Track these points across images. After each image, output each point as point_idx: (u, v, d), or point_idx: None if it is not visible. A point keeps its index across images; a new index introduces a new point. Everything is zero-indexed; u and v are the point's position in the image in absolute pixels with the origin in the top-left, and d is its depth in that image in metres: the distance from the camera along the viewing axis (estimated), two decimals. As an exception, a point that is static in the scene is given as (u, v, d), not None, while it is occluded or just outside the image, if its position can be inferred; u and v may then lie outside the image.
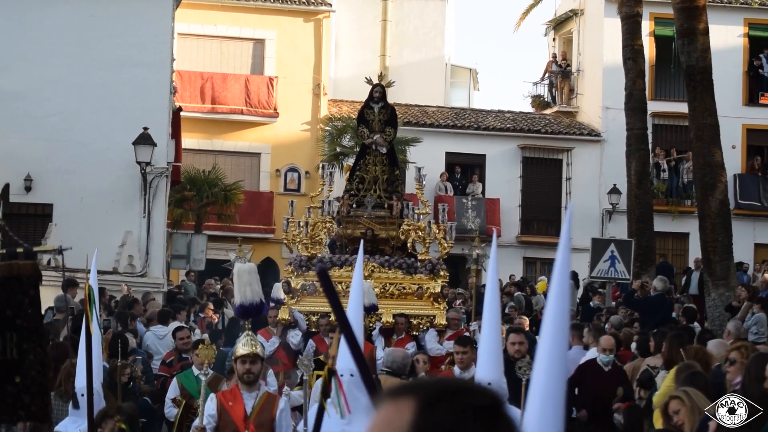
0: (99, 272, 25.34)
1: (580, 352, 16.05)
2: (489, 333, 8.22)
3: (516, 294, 31.03)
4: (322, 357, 12.94)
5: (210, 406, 10.02)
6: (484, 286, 26.54)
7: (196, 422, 10.00)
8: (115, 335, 16.36)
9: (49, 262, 25.22)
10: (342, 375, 8.71)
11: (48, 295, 16.61)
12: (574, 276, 34.66)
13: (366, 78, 22.30)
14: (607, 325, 21.42)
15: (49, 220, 27.56)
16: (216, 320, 22.93)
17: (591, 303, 27.12)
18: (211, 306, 23.78)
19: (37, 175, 27.80)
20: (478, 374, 8.42)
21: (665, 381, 12.25)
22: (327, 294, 3.03)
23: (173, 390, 13.69)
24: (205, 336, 19.23)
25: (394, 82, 23.29)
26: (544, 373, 3.70)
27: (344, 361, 8.68)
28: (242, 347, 10.04)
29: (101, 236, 27.19)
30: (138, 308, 21.27)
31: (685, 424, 8.51)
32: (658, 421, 11.70)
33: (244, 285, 10.21)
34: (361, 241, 11.09)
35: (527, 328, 20.76)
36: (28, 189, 27.83)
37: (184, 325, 17.56)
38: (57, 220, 27.42)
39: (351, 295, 9.30)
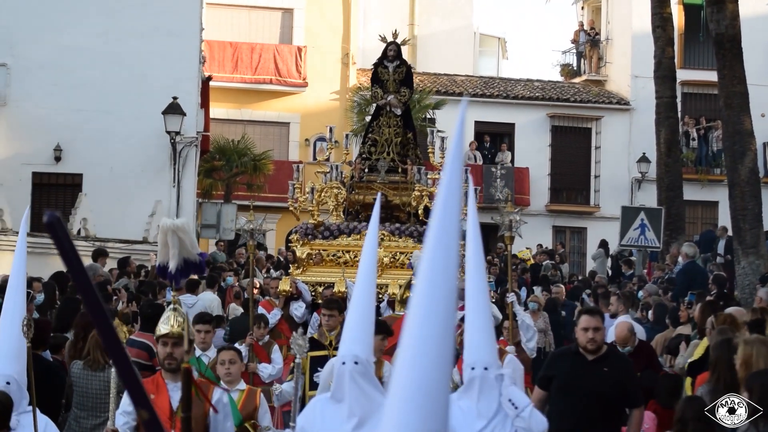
0: (129, 242, 25.68)
1: (607, 321, 16.01)
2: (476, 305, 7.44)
3: (545, 262, 31.06)
4: (316, 335, 12.37)
5: (126, 401, 7.71)
6: (515, 255, 26.46)
7: (108, 424, 7.92)
8: (144, 304, 16.36)
9: (78, 231, 25.36)
10: (344, 363, 7.24)
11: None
12: (604, 244, 34.67)
13: (380, 36, 21.71)
14: (642, 293, 21.48)
15: (79, 190, 27.63)
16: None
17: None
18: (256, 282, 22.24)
19: (66, 145, 27.89)
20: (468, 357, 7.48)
21: (698, 349, 12.23)
22: (60, 250, 2.61)
23: None
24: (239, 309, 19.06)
25: (409, 39, 22.57)
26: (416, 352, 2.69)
27: (347, 346, 7.31)
28: (163, 325, 7.88)
29: (131, 206, 27.34)
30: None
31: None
32: (690, 388, 11.71)
33: (177, 244, 8.17)
34: (378, 194, 8.95)
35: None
36: (57, 159, 27.94)
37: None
38: (87, 190, 27.50)
39: (362, 262, 7.51)
